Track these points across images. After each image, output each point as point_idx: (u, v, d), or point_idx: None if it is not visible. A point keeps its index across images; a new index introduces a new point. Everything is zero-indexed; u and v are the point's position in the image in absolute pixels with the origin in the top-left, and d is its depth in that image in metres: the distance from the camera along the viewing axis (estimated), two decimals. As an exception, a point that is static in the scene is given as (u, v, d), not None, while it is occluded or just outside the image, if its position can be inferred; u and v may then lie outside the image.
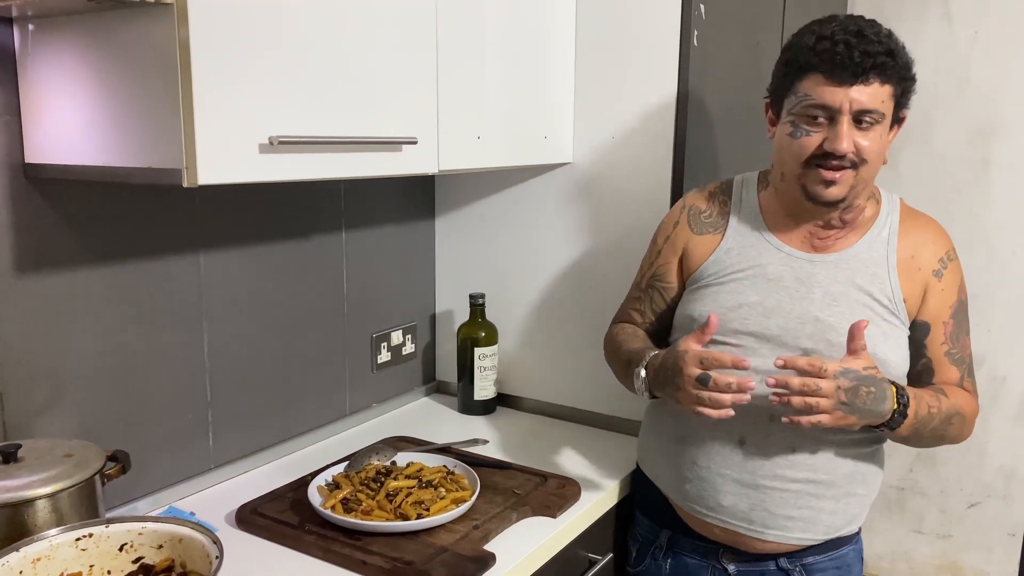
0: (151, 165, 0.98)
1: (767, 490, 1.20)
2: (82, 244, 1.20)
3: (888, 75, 1.12)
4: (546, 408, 1.78)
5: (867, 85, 1.11)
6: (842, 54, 1.10)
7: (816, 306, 1.20)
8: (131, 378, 1.29)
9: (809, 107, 1.14)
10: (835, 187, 1.15)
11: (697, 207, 1.34)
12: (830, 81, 1.11)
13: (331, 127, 1.12)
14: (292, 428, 1.58)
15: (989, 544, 2.24)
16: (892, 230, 1.25)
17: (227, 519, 1.29)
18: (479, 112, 1.40)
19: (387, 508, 1.24)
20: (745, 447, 1.21)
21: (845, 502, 1.22)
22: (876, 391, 1.11)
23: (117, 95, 1.00)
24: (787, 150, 1.18)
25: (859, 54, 1.09)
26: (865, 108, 1.11)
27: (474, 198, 1.81)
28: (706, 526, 1.27)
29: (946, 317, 1.24)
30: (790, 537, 1.22)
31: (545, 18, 1.54)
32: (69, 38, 1.04)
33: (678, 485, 1.29)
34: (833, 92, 1.11)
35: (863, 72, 1.10)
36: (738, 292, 1.23)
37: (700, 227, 1.31)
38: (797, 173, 1.18)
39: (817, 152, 1.14)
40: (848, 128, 1.12)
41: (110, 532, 0.99)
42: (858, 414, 1.11)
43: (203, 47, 0.94)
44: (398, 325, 1.81)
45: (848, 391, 1.08)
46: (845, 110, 1.11)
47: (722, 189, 1.34)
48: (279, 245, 1.51)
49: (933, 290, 1.23)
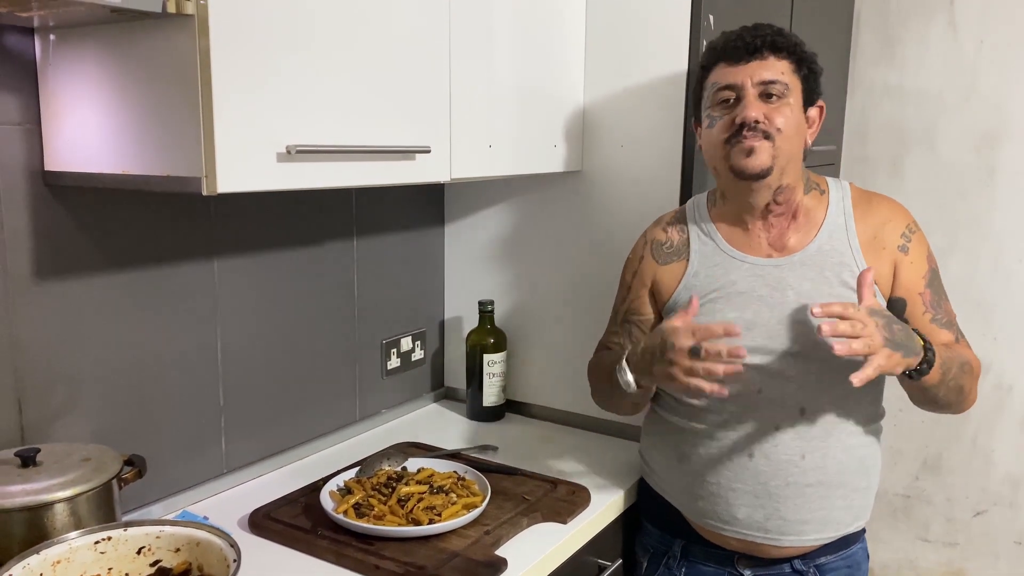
0: (170, 173, 1.00)
1: (781, 498, 1.21)
2: (99, 251, 1.22)
3: (780, 49, 1.20)
4: (554, 415, 1.79)
5: (764, 59, 1.20)
6: (736, 40, 1.21)
7: (794, 309, 1.21)
8: (146, 383, 1.30)
9: (717, 92, 1.22)
10: (756, 156, 1.19)
11: (657, 239, 1.37)
12: (729, 63, 1.21)
13: (347, 136, 1.14)
14: (303, 433, 1.59)
15: (995, 552, 2.24)
16: (848, 215, 1.27)
17: (240, 523, 1.30)
18: (491, 121, 1.42)
19: (399, 513, 1.24)
20: (754, 459, 1.21)
21: (851, 498, 1.24)
22: (902, 327, 1.12)
23: (137, 104, 1.02)
24: (709, 141, 1.25)
25: (750, 36, 1.20)
26: (764, 79, 1.19)
27: (484, 206, 1.82)
28: (721, 537, 1.28)
29: (921, 288, 1.25)
30: (806, 540, 1.23)
31: (555, 29, 1.56)
32: (90, 48, 1.06)
33: (689, 502, 1.29)
34: (735, 71, 1.20)
35: (756, 49, 1.19)
36: (715, 312, 1.24)
37: (664, 258, 1.34)
38: (722, 155, 1.22)
39: (732, 130, 1.20)
40: (755, 100, 1.19)
41: (128, 535, 1.00)
42: (903, 350, 1.09)
43: (223, 58, 0.95)
44: (408, 331, 1.82)
45: (885, 327, 1.08)
46: (747, 84, 1.19)
47: (677, 217, 1.38)
48: (291, 252, 1.52)
49: (902, 264, 1.24)
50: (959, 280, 2.16)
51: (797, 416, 1.21)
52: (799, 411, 1.21)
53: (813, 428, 1.21)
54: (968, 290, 2.16)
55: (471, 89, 1.36)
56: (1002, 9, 2.07)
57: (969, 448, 2.24)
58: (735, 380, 1.15)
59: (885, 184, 2.25)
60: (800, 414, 1.21)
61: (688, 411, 1.28)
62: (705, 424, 1.25)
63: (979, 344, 2.17)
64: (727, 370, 1.08)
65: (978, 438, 2.22)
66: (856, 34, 2.25)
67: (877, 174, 2.27)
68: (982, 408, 2.19)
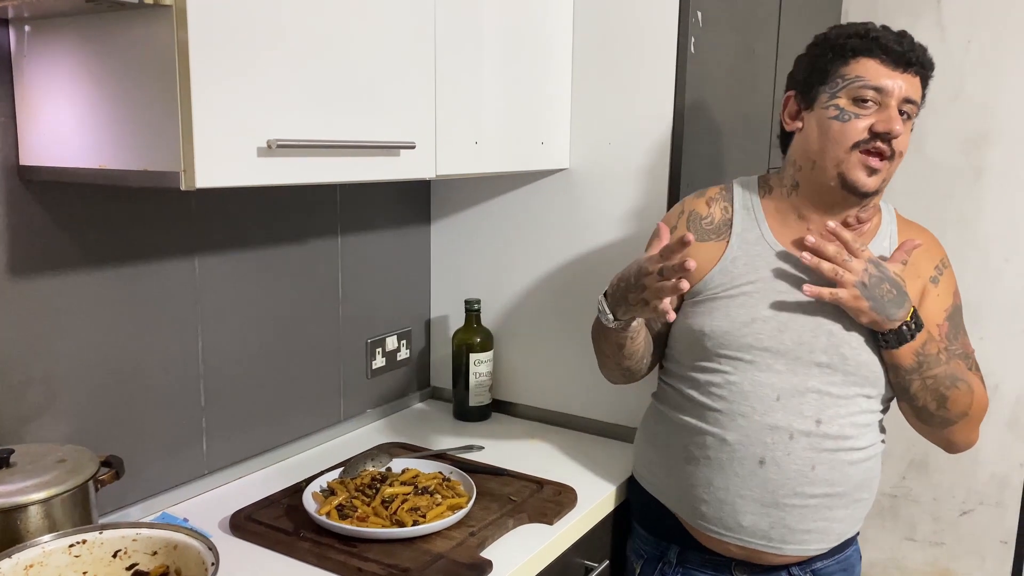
0: (148, 168, 0.98)
1: (787, 508, 1.19)
2: (77, 247, 1.19)
3: (925, 73, 1.17)
4: (541, 414, 1.78)
5: (914, 76, 1.16)
6: (895, 42, 1.14)
7: (829, 318, 1.18)
8: (125, 383, 1.28)
9: (862, 88, 1.15)
10: (876, 176, 1.16)
11: (697, 212, 1.31)
12: (886, 64, 1.14)
13: (330, 131, 1.12)
14: (286, 434, 1.57)
15: (982, 552, 2.24)
16: (892, 239, 1.26)
17: (221, 525, 1.28)
18: (477, 117, 1.40)
19: (383, 515, 1.23)
20: (765, 467, 1.18)
21: (853, 509, 1.23)
22: (897, 295, 1.13)
23: (115, 97, 1.00)
24: (830, 135, 1.17)
25: (908, 45, 1.14)
26: (910, 98, 1.15)
27: (470, 203, 1.80)
28: (722, 544, 1.25)
29: (940, 320, 1.24)
30: (807, 549, 1.22)
31: (543, 24, 1.54)
32: (66, 40, 1.03)
33: (692, 506, 1.26)
34: (889, 75, 1.14)
35: (913, 62, 1.15)
36: (750, 306, 1.20)
37: (701, 233, 1.28)
38: (839, 159, 1.16)
39: (866, 136, 1.15)
40: (896, 113, 1.14)
41: (104, 538, 0.98)
42: (872, 303, 1.12)
43: (202, 49, 0.93)
44: (393, 330, 1.80)
45: (872, 278, 1.12)
46: (896, 95, 1.14)
47: (722, 195, 1.31)
48: (274, 249, 1.50)
49: (930, 295, 1.24)
50: (946, 280, 2.16)
51: (812, 427, 1.18)
52: (815, 422, 1.18)
53: (826, 440, 1.18)
54: (955, 290, 2.16)
55: (457, 84, 1.34)
56: (989, 10, 2.07)
57: (955, 448, 2.24)
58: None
59: (873, 184, 2.24)
60: (816, 425, 1.18)
61: (699, 412, 1.23)
62: (719, 427, 1.21)
63: (966, 344, 2.19)
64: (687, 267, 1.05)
65: (964, 438, 2.22)
66: (844, 33, 2.25)
67: (865, 174, 2.26)
68: (969, 408, 2.20)
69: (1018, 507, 2.19)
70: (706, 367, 1.23)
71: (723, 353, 1.20)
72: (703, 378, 1.23)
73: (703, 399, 1.23)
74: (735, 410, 1.20)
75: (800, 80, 1.23)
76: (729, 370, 1.20)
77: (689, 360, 1.26)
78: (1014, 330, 2.14)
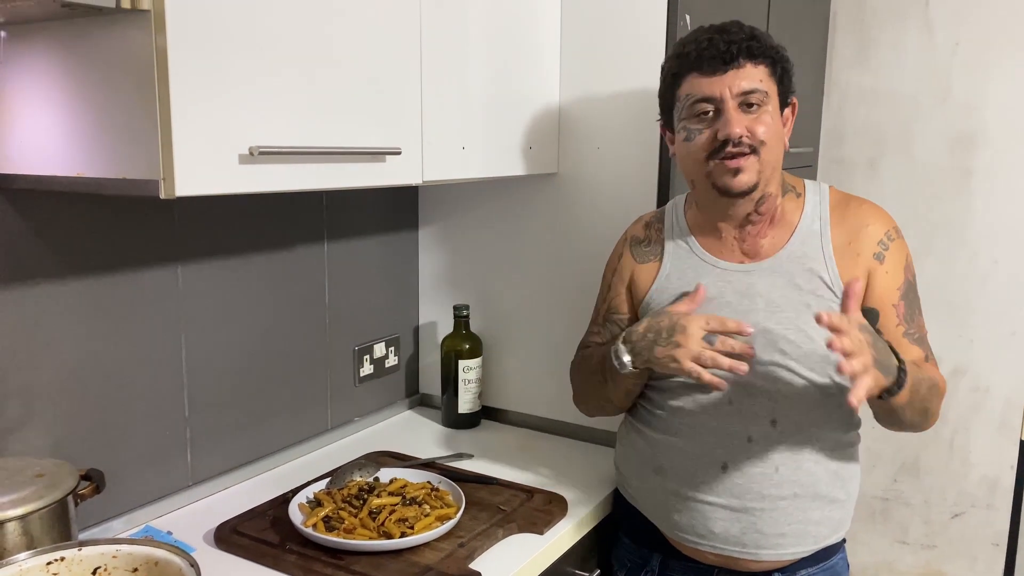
0: (127, 176, 0.96)
1: (756, 512, 1.19)
2: (56, 256, 1.17)
3: (756, 55, 1.15)
4: (532, 421, 1.76)
5: (740, 68, 1.15)
6: (708, 48, 1.15)
7: (761, 316, 1.18)
8: (106, 394, 1.25)
9: (694, 104, 1.17)
10: (743, 175, 1.16)
11: (636, 236, 1.35)
12: (705, 74, 1.15)
13: (313, 137, 1.10)
14: (272, 444, 1.55)
15: (973, 554, 2.24)
16: (824, 220, 1.23)
17: (206, 538, 1.26)
18: (464, 122, 1.38)
19: (370, 526, 1.21)
20: (728, 471, 1.19)
21: (829, 510, 1.21)
22: (882, 344, 1.08)
23: (92, 104, 0.98)
24: (687, 155, 1.20)
25: (723, 43, 1.14)
26: (744, 90, 1.15)
27: (458, 209, 1.79)
28: (699, 552, 1.25)
29: (895, 299, 1.20)
30: (784, 554, 1.21)
31: (530, 27, 1.53)
32: (43, 46, 1.01)
33: (665, 515, 1.26)
34: (711, 83, 1.15)
35: (732, 57, 1.14)
36: None
37: (641, 256, 1.33)
38: (704, 172, 1.19)
39: (714, 146, 1.16)
40: (736, 113, 1.15)
41: (83, 555, 0.96)
42: (883, 370, 1.04)
43: (181, 55, 0.91)
44: (381, 337, 1.78)
45: (872, 345, 1.03)
46: (727, 96, 1.15)
47: (657, 217, 1.36)
48: (259, 257, 1.48)
49: (877, 274, 1.20)
50: (935, 282, 2.16)
51: (768, 427, 1.18)
52: (770, 422, 1.18)
53: (785, 439, 1.18)
54: (944, 292, 2.16)
55: (443, 89, 1.32)
56: (976, 12, 2.07)
57: (946, 450, 2.24)
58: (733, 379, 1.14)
59: (862, 186, 2.25)
60: (771, 425, 1.18)
61: (663, 424, 1.25)
62: (679, 437, 1.23)
63: (955, 346, 2.19)
64: (732, 366, 1.08)
65: (955, 440, 2.22)
66: (832, 36, 2.25)
67: (854, 176, 2.26)
68: (959, 410, 2.20)
69: (1009, 509, 2.19)
70: (662, 383, 1.26)
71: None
72: (659, 393, 1.26)
73: (662, 412, 1.25)
74: (694, 420, 1.21)
75: (661, 111, 1.27)
76: (681, 380, 1.21)
77: (648, 377, 1.28)
78: (1003, 332, 2.14)
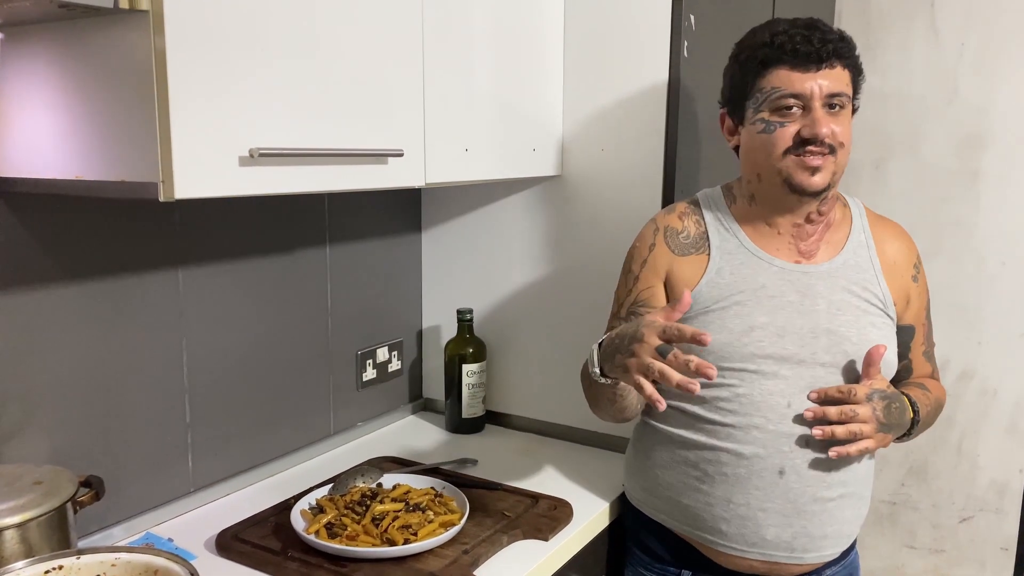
0: (126, 179, 0.95)
1: (808, 515, 1.17)
2: (55, 260, 1.16)
3: (846, 59, 1.15)
4: (536, 426, 1.75)
5: (832, 69, 1.14)
6: (802, 43, 1.12)
7: (824, 318, 1.18)
8: (107, 400, 1.24)
9: (780, 98, 1.15)
10: (820, 174, 1.15)
11: (672, 227, 1.27)
12: (797, 69, 1.13)
13: (314, 139, 1.09)
14: (274, 449, 1.53)
15: (982, 559, 2.22)
16: (867, 234, 1.26)
17: (207, 545, 1.24)
18: (467, 124, 1.37)
19: (373, 533, 1.19)
20: (785, 476, 1.15)
21: (858, 507, 1.23)
22: (899, 405, 1.16)
23: (91, 106, 0.96)
24: (762, 148, 1.17)
25: (818, 41, 1.12)
26: (833, 91, 1.14)
27: (462, 211, 1.78)
28: (743, 561, 1.21)
29: (923, 319, 1.29)
30: (824, 555, 1.20)
31: (533, 29, 1.52)
32: (40, 47, 1.00)
33: (710, 525, 1.21)
34: (803, 79, 1.13)
35: (827, 56, 1.13)
36: (745, 315, 1.17)
37: (681, 248, 1.25)
38: (777, 167, 1.16)
39: (795, 142, 1.15)
40: (823, 113, 1.13)
41: (81, 564, 0.94)
42: (893, 431, 1.16)
43: (180, 56, 0.90)
44: (384, 342, 1.77)
45: (883, 411, 1.13)
46: (817, 95, 1.13)
47: (692, 208, 1.29)
48: (261, 260, 1.47)
49: (913, 294, 1.27)
50: (943, 284, 2.14)
51: None
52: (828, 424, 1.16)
53: (839, 440, 1.15)
54: (952, 294, 2.14)
55: (446, 90, 1.31)
56: (982, 12, 2.06)
57: (954, 454, 2.21)
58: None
59: (869, 188, 2.23)
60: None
61: (712, 429, 1.19)
62: (734, 442, 1.17)
63: (963, 348, 2.17)
64: (681, 383, 0.97)
65: (963, 444, 2.20)
66: (837, 37, 2.24)
67: (860, 178, 2.25)
68: (967, 414, 2.17)
69: (1018, 513, 2.17)
70: (711, 383, 1.18)
71: (727, 366, 1.16)
72: (710, 394, 1.19)
73: (712, 415, 1.19)
74: (748, 423, 1.16)
75: (727, 98, 1.24)
76: (736, 383, 1.17)
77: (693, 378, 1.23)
78: (1012, 334, 2.12)
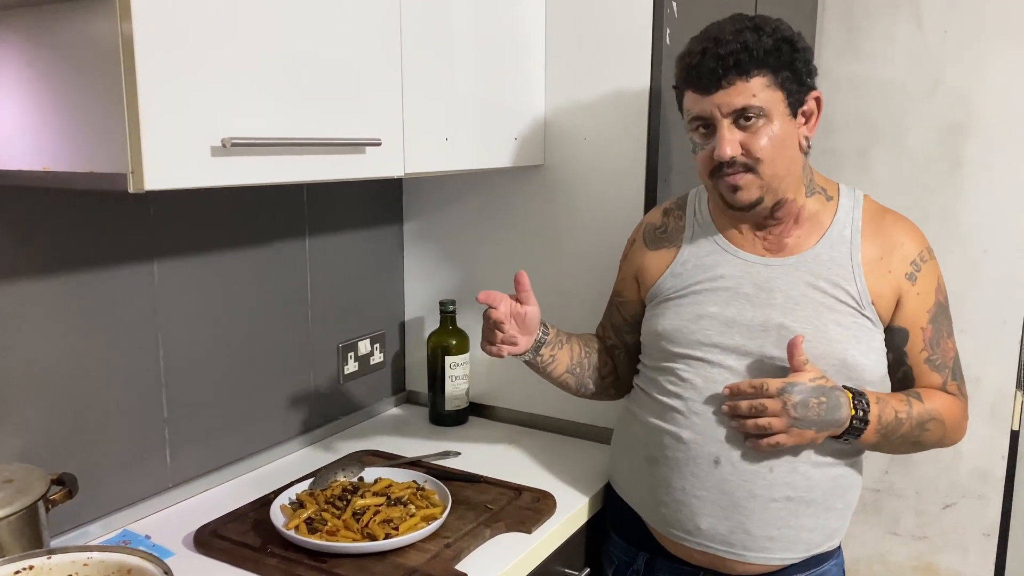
0: (95, 170, 0.92)
1: (745, 511, 1.16)
2: (25, 253, 1.13)
3: (748, 68, 1.09)
4: (519, 417, 1.74)
5: (730, 86, 1.10)
6: (698, 66, 1.11)
7: (778, 311, 1.16)
8: (80, 395, 1.22)
9: (691, 121, 1.16)
10: (742, 192, 1.14)
11: (653, 223, 1.34)
12: (699, 91, 1.13)
13: (289, 128, 1.06)
14: (254, 444, 1.51)
15: (965, 545, 2.23)
16: (855, 228, 1.20)
17: (185, 542, 1.22)
18: (447, 112, 1.35)
19: (354, 528, 1.18)
20: (720, 466, 1.16)
21: (824, 518, 1.18)
22: (828, 400, 1.10)
23: (58, 95, 0.94)
24: (697, 166, 1.19)
25: (711, 60, 1.09)
26: (736, 108, 1.10)
27: (443, 202, 1.76)
28: (685, 550, 1.23)
29: (924, 323, 1.20)
30: (771, 558, 1.18)
31: (514, 16, 1.49)
32: (6, 35, 0.97)
33: (654, 508, 1.24)
34: (702, 102, 1.12)
35: (719, 77, 1.09)
36: (697, 304, 1.21)
37: (655, 243, 1.31)
38: (711, 185, 1.18)
39: (713, 164, 1.14)
40: (729, 133, 1.11)
41: (53, 564, 0.92)
42: (814, 427, 1.11)
43: (148, 43, 0.88)
44: (366, 334, 1.75)
45: (797, 406, 1.09)
46: (718, 116, 1.11)
47: (677, 204, 1.33)
48: (239, 252, 1.44)
49: (908, 295, 1.19)
50: (926, 273, 2.14)
51: None
52: None
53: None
54: (935, 282, 2.15)
55: (425, 79, 1.29)
56: (966, 0, 2.05)
57: (938, 441, 2.23)
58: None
59: (853, 176, 2.22)
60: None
61: (659, 410, 1.23)
62: (676, 425, 1.19)
63: (947, 337, 2.18)
64: (493, 350, 1.27)
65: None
66: (821, 25, 2.23)
67: (844, 166, 2.24)
68: (950, 401, 2.18)
69: (1000, 499, 2.18)
70: (664, 367, 1.23)
71: (677, 351, 1.21)
72: (662, 377, 1.24)
73: (663, 398, 1.23)
74: (689, 408, 1.19)
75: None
76: (683, 367, 1.20)
77: (652, 362, 1.27)
78: (994, 322, 2.12)
